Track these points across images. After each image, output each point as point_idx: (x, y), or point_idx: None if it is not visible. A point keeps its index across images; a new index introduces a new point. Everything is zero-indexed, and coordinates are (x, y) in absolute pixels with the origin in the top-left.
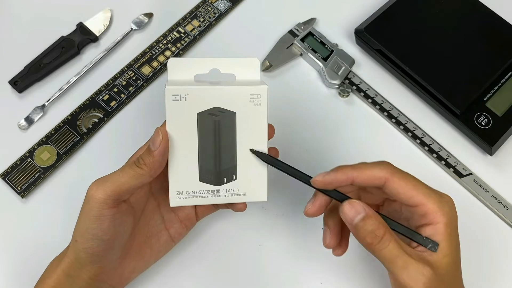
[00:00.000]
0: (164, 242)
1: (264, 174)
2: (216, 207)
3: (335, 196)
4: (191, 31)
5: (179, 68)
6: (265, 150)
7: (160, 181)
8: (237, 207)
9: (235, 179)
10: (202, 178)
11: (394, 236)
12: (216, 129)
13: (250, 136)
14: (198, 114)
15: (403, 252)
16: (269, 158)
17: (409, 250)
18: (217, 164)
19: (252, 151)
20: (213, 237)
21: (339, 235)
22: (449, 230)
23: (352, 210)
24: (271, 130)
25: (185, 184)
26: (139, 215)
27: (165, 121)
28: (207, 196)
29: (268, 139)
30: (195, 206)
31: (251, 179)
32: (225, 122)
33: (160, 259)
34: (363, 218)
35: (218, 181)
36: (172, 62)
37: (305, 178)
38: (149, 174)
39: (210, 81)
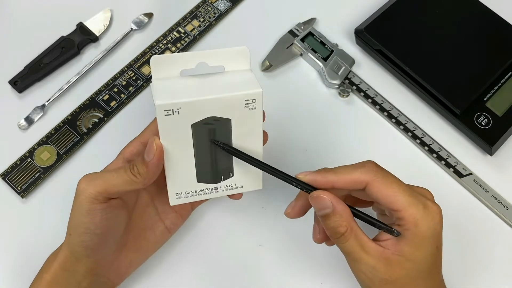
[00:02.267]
0: (160, 234)
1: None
2: None
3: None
4: (191, 31)
5: (163, 66)
6: (260, 153)
7: None
8: (233, 196)
9: (232, 176)
10: (200, 179)
11: (355, 232)
12: (212, 137)
13: (245, 140)
14: (192, 125)
15: (359, 248)
16: (232, 150)
17: (368, 246)
18: (214, 167)
19: (213, 141)
20: (213, 238)
21: None
22: (419, 240)
23: (318, 205)
24: (264, 137)
25: (183, 186)
26: (131, 208)
27: (154, 119)
28: (206, 193)
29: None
30: None
31: (247, 173)
32: (220, 130)
33: (159, 259)
34: (328, 214)
35: (215, 180)
36: (155, 60)
37: (274, 171)
38: (143, 183)
39: (199, 75)
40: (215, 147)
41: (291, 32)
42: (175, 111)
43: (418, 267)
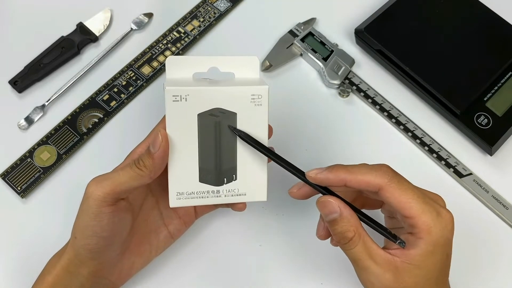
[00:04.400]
0: (163, 238)
1: (264, 174)
2: (216, 205)
3: (321, 191)
4: (191, 31)
5: (177, 66)
6: None
7: (159, 178)
8: (237, 206)
9: (235, 179)
10: (202, 179)
11: (363, 238)
12: (217, 130)
13: None
14: (198, 115)
15: (366, 256)
16: (251, 138)
17: (375, 253)
18: (218, 165)
19: (230, 128)
20: (213, 237)
21: None
22: (431, 248)
23: (325, 209)
24: (269, 131)
25: (185, 185)
26: (137, 211)
27: (162, 118)
28: (207, 197)
29: None
30: None
31: (251, 179)
32: (225, 123)
33: (160, 258)
34: (335, 219)
35: (218, 182)
36: (171, 60)
37: (292, 167)
38: (149, 176)
39: (209, 79)
40: (219, 142)
41: (291, 32)
42: (183, 98)
43: (427, 275)
